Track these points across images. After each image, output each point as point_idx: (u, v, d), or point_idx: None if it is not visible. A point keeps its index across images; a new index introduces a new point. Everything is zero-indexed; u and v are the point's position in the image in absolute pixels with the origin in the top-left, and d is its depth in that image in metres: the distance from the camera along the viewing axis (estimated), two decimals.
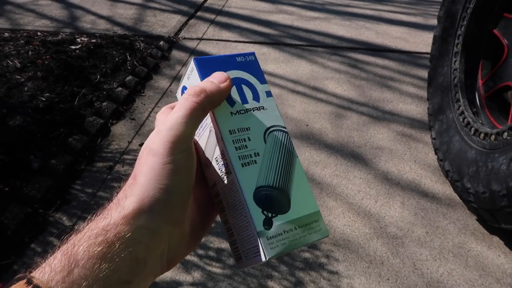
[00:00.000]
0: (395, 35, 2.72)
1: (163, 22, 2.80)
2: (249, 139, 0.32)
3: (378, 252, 1.20)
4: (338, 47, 2.52)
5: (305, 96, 1.98)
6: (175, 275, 1.11)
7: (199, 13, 3.00)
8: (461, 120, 1.40)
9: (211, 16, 2.94)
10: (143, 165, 0.29)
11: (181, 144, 0.29)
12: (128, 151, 1.58)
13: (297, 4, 3.33)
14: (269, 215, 0.30)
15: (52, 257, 0.25)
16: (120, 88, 1.93)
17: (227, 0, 3.30)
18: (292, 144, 0.33)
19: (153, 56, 2.29)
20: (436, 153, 1.54)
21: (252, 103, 0.33)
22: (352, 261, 1.17)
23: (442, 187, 1.45)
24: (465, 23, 1.46)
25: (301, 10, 3.18)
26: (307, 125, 1.77)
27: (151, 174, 0.28)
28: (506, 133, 1.16)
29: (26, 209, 1.27)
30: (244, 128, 0.32)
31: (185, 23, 2.81)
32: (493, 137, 1.21)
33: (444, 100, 1.54)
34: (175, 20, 2.84)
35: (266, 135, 0.33)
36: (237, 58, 0.35)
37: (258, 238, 0.29)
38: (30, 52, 2.19)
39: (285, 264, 1.15)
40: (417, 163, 1.57)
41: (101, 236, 0.25)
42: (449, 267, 1.16)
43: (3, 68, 2.03)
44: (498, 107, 1.39)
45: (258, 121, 0.33)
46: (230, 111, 0.32)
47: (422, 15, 3.14)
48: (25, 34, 2.46)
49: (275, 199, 0.30)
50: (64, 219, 1.28)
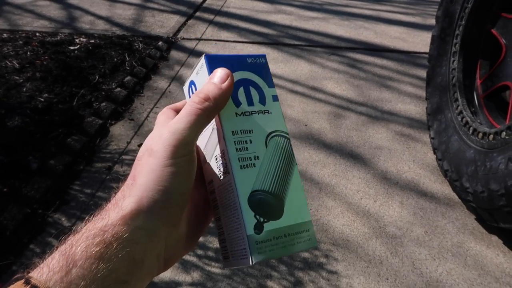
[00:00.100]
0: (394, 35, 2.73)
1: (162, 23, 2.80)
2: (251, 142, 0.32)
3: (377, 251, 1.20)
4: (336, 47, 2.53)
5: (304, 96, 1.98)
6: (174, 275, 1.11)
7: (198, 14, 3.00)
8: (460, 119, 1.41)
9: (210, 17, 2.94)
10: (143, 166, 0.29)
11: (183, 148, 0.29)
12: (127, 152, 1.58)
13: (295, 4, 3.33)
14: (261, 219, 0.30)
15: (50, 257, 0.25)
16: (119, 89, 1.93)
17: (226, 0, 3.30)
18: (292, 151, 0.33)
19: (151, 57, 2.29)
20: (434, 153, 1.54)
21: (257, 106, 0.33)
22: (351, 260, 1.17)
23: (440, 186, 1.46)
24: (463, 23, 1.46)
25: (299, 10, 3.19)
26: (306, 125, 1.77)
27: (151, 176, 0.28)
28: (504, 132, 1.16)
29: (25, 210, 1.27)
30: (247, 130, 0.32)
31: (184, 24, 2.81)
32: (491, 136, 1.21)
33: (443, 99, 1.54)
34: (174, 20, 2.84)
35: (268, 139, 0.33)
36: (247, 59, 0.35)
37: (247, 242, 0.29)
38: (29, 53, 2.19)
39: (284, 264, 1.15)
40: (416, 162, 1.57)
41: (99, 236, 0.25)
42: (448, 267, 1.17)
43: (2, 68, 2.02)
44: (496, 107, 1.40)
45: (262, 124, 0.33)
46: (235, 112, 0.32)
47: (421, 15, 3.15)
48: (23, 34, 2.46)
49: (269, 205, 0.31)
50: (63, 219, 1.28)
